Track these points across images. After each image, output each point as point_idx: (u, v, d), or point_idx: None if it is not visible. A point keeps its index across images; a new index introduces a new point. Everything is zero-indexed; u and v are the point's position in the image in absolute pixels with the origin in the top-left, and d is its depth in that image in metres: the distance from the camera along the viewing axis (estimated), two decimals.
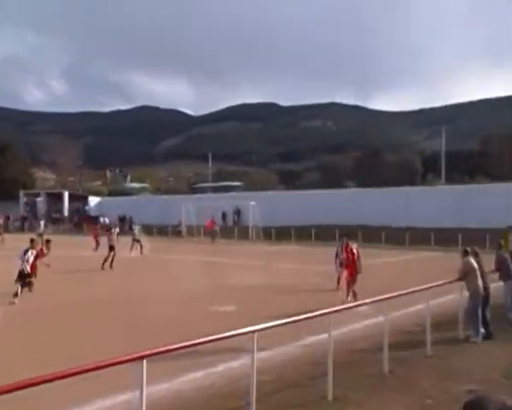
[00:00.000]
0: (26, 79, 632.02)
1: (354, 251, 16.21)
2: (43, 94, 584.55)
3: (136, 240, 33.53)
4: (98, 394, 7.54)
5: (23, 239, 39.80)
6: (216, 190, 71.74)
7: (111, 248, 24.88)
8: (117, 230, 31.27)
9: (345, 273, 16.49)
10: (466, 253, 11.98)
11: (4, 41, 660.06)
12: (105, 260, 24.40)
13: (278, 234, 45.89)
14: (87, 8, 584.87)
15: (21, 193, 73.32)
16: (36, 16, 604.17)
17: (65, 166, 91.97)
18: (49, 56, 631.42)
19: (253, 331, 6.35)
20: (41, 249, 17.75)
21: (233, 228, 50.71)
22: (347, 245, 16.71)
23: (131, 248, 33.04)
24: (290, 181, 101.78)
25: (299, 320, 7.50)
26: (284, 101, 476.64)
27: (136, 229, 35.46)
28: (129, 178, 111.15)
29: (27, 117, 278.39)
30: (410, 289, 10.32)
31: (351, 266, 16.02)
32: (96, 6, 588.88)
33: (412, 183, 71.53)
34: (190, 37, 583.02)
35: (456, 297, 12.27)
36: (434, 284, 10.86)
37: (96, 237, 35.48)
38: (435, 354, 9.93)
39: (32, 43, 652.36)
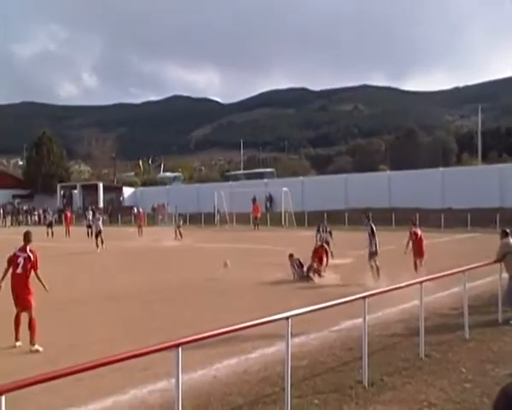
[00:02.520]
0: (59, 74, 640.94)
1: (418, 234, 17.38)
2: (76, 88, 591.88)
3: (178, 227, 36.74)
4: (135, 382, 7.65)
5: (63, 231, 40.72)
6: (248, 177, 71.73)
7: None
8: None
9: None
10: (505, 234, 11.73)
11: (37, 38, 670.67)
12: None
13: (311, 219, 45.75)
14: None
15: (58, 186, 74.48)
16: (66, 11, 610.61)
17: (99, 159, 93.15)
18: (81, 51, 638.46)
19: (287, 317, 6.33)
20: None
21: (265, 215, 50.69)
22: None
23: (176, 235, 35.79)
24: (322, 166, 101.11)
25: (333, 305, 7.45)
26: (315, 85, 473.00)
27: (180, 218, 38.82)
28: (162, 167, 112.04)
29: (62, 111, 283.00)
30: (446, 272, 10.16)
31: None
32: None
33: (447, 164, 70.34)
34: (219, 24, 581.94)
35: (494, 279, 12.04)
36: (471, 266, 10.67)
37: (141, 225, 37.91)
38: (473, 338, 9.76)
39: (63, 39, 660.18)
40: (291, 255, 17.97)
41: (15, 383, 3.93)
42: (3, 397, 3.73)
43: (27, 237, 10.28)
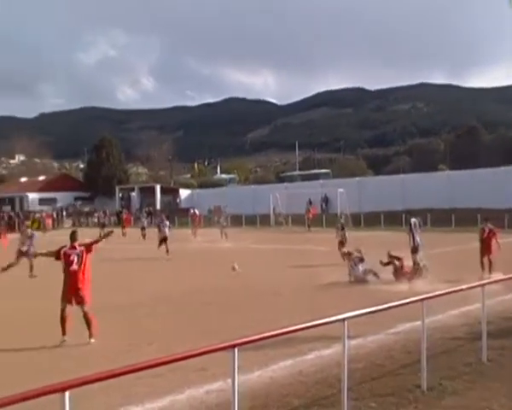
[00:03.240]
0: (119, 78, 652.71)
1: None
2: (134, 92, 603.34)
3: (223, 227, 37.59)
4: (192, 382, 7.74)
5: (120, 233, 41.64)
6: (304, 178, 71.59)
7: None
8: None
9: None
10: None
11: (98, 45, 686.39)
12: None
13: (367, 221, 45.23)
14: (171, 3, 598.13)
15: (117, 188, 76.60)
16: (126, 17, 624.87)
17: (157, 161, 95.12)
18: (139, 55, 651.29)
19: (344, 319, 6.26)
20: None
21: (321, 216, 50.44)
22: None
23: (222, 236, 36.13)
24: (379, 166, 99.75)
25: (391, 308, 7.31)
26: (371, 85, 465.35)
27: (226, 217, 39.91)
28: (218, 169, 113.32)
29: (121, 115, 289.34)
30: (510, 275, 9.83)
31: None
32: (180, 1, 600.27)
33: (511, 162, 68.01)
34: (273, 25, 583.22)
35: None
36: None
37: (196, 226, 38.55)
38: None
39: (122, 44, 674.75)
40: (349, 253, 17.73)
41: (79, 379, 4.01)
42: (67, 393, 3.80)
43: (74, 237, 10.68)
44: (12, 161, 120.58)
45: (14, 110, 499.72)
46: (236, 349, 5.22)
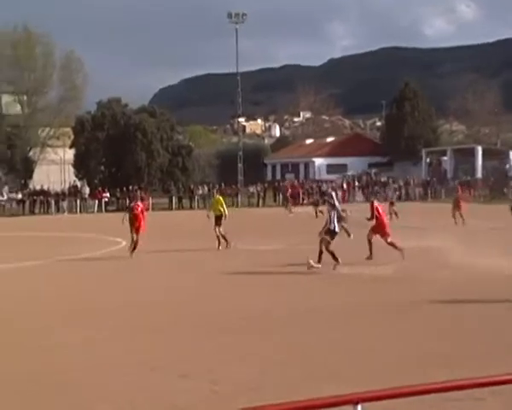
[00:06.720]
0: (427, 8, 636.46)
1: None
2: (448, 24, 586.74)
3: None
4: None
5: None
6: None
7: None
8: None
9: None
10: None
11: None
12: None
13: None
14: None
15: (423, 152, 73.82)
16: None
17: (478, 114, 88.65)
18: None
19: None
20: None
21: None
22: None
23: None
24: None
25: None
26: None
27: None
28: None
29: (429, 56, 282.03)
30: None
31: None
32: None
33: None
34: None
35: None
36: None
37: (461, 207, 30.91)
38: None
39: None
40: None
41: (371, 392, 3.88)
42: (359, 406, 3.71)
43: None
44: (296, 120, 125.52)
45: (299, 58, 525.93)
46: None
